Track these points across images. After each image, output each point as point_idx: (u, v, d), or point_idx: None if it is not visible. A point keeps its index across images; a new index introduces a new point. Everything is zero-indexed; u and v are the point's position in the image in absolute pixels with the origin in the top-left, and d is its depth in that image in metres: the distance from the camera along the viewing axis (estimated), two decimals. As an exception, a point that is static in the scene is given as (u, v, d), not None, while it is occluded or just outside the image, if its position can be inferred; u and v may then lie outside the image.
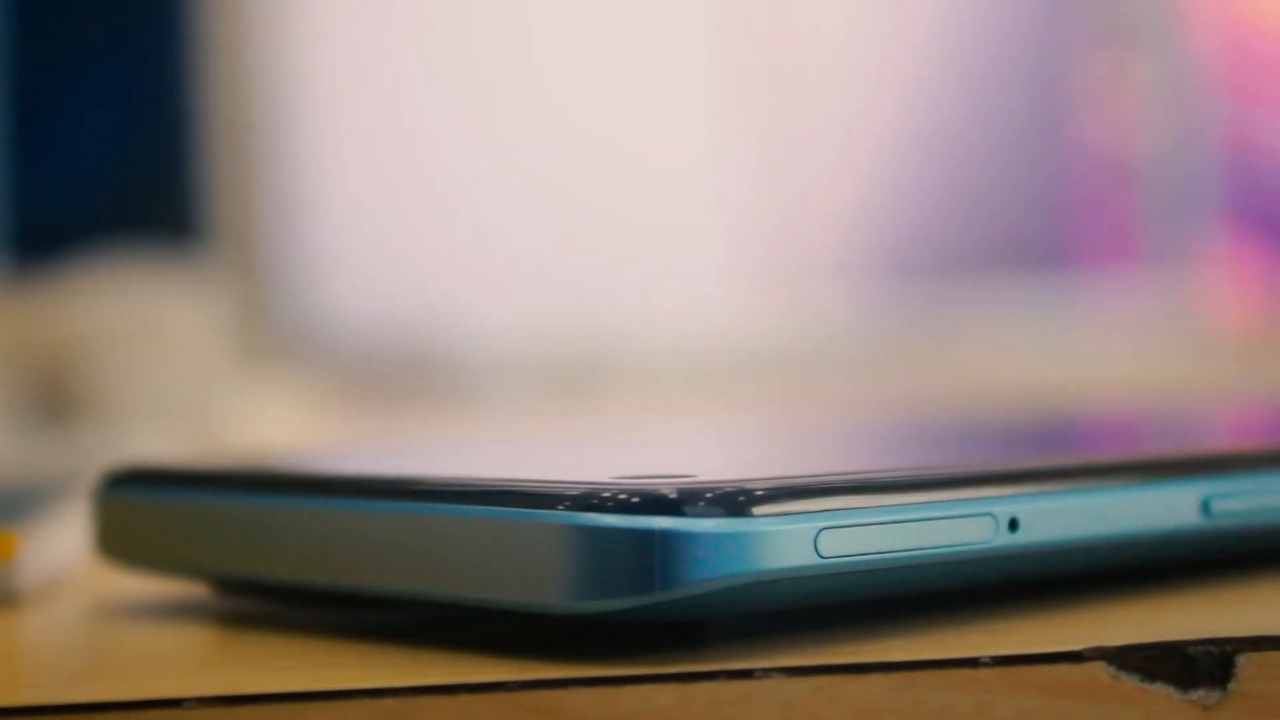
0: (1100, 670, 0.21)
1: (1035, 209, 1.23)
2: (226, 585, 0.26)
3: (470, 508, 0.22)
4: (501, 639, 0.23)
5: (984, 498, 0.22)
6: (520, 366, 1.05)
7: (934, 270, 1.19)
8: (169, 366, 0.72)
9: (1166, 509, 0.24)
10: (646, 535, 0.21)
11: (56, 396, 0.69)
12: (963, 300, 1.17)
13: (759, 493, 0.21)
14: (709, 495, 0.21)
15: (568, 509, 0.21)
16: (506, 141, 1.11)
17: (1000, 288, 1.18)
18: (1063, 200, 1.23)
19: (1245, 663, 0.21)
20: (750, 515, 0.21)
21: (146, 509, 0.26)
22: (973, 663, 0.21)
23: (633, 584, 0.21)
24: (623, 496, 0.21)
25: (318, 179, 1.06)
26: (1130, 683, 0.21)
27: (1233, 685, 0.21)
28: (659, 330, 1.10)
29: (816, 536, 0.21)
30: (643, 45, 1.14)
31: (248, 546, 0.24)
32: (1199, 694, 0.21)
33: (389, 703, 0.21)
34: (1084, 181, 1.23)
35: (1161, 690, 0.21)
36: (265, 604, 0.25)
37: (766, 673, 0.21)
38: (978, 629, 0.22)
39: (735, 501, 0.21)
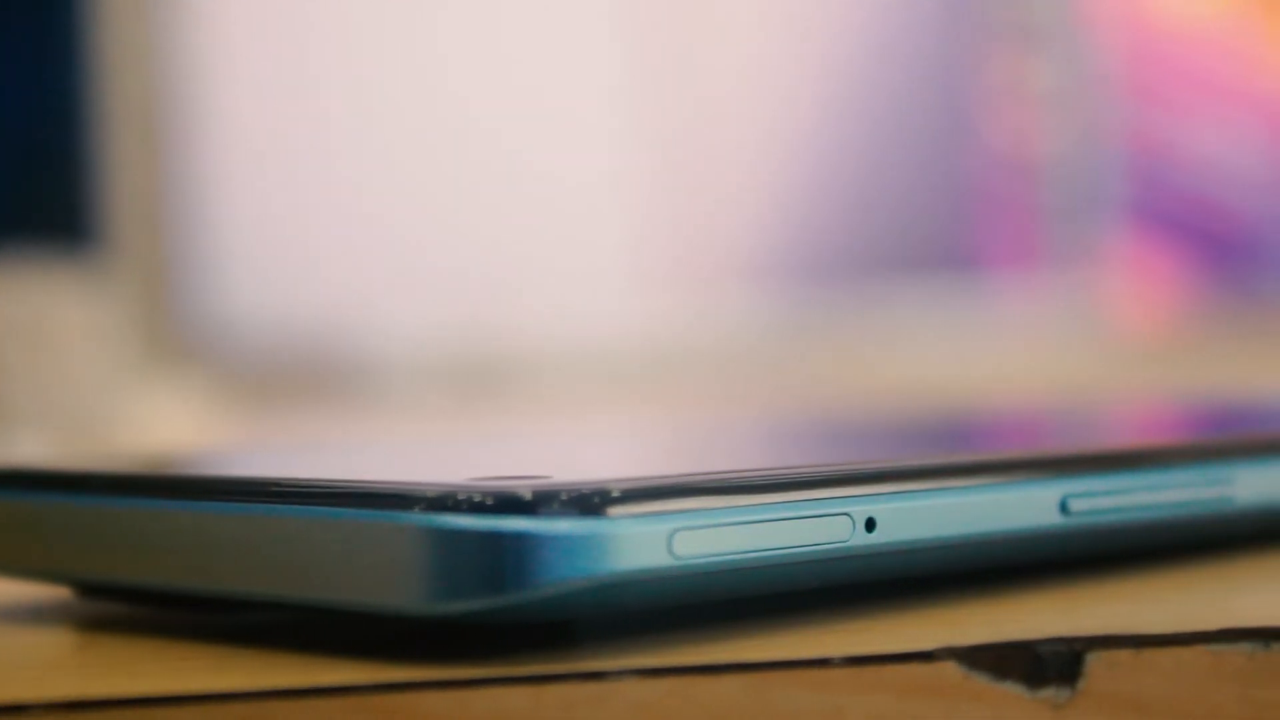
0: (951, 669, 0.21)
1: (941, 211, 1.23)
2: (87, 588, 0.25)
3: (325, 509, 0.22)
4: (358, 641, 0.23)
5: (840, 498, 0.22)
6: (425, 368, 1.05)
7: (840, 272, 1.19)
8: (64, 369, 0.71)
9: (1025, 508, 0.24)
10: (499, 536, 0.21)
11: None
12: (869, 302, 1.17)
13: (613, 493, 0.21)
14: (562, 496, 0.21)
15: (421, 510, 0.21)
16: (412, 143, 1.11)
17: (906, 289, 1.19)
18: (968, 202, 1.24)
19: (1094, 661, 0.21)
20: (604, 516, 0.21)
21: (6, 511, 0.25)
22: (824, 663, 0.21)
23: (486, 585, 0.21)
24: (476, 498, 0.21)
25: (219, 179, 1.05)
26: (981, 682, 0.21)
27: (1082, 683, 0.21)
28: (565, 332, 1.10)
29: (671, 537, 0.21)
30: (550, 47, 1.14)
31: (105, 549, 0.24)
32: (1048, 692, 0.21)
33: (239, 706, 0.21)
34: (989, 183, 1.23)
35: (1011, 689, 0.21)
36: (126, 607, 0.25)
37: (619, 674, 0.21)
38: (832, 629, 0.22)
39: (589, 502, 0.21)
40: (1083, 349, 1.18)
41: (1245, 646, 0.21)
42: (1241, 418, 0.34)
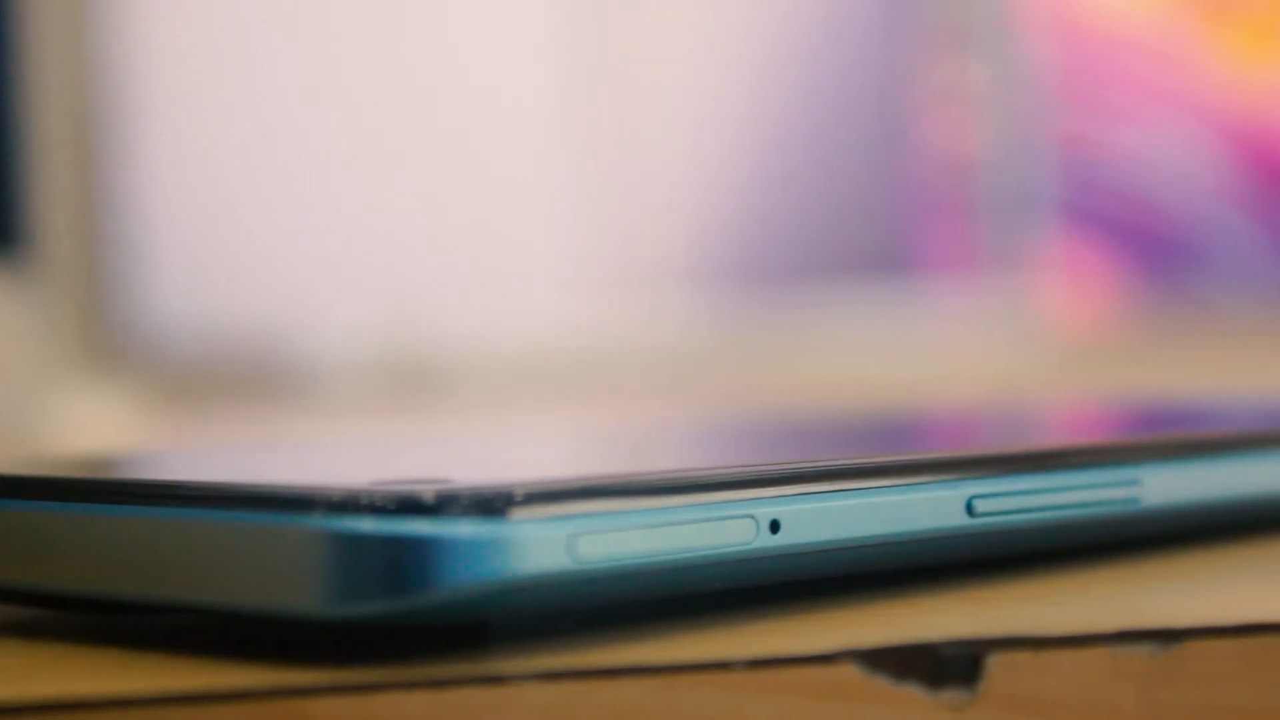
0: (852, 671, 0.21)
1: (876, 212, 1.23)
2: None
3: (226, 512, 0.22)
4: (262, 645, 0.22)
5: (744, 500, 0.22)
6: (359, 370, 1.05)
7: (776, 274, 1.19)
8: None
9: (930, 510, 0.24)
10: (400, 540, 0.21)
11: None
12: (805, 304, 1.17)
13: (514, 497, 0.21)
14: (463, 499, 0.21)
15: (322, 513, 0.21)
16: (346, 145, 1.10)
17: (842, 291, 1.19)
18: (903, 203, 1.24)
19: (994, 662, 0.21)
20: (505, 519, 0.21)
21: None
22: (727, 665, 0.21)
23: (387, 589, 0.21)
24: (377, 501, 0.21)
25: (149, 183, 1.05)
26: (882, 683, 0.21)
27: (982, 685, 0.21)
28: (500, 334, 1.10)
29: (573, 540, 0.21)
30: (486, 49, 1.14)
31: (3, 552, 0.24)
32: (949, 694, 0.21)
33: (137, 712, 0.21)
34: (924, 185, 1.24)
35: (912, 690, 0.21)
36: (26, 611, 0.25)
37: (521, 678, 0.21)
38: (735, 631, 0.22)
39: (490, 505, 0.21)
40: (1017, 349, 1.18)
41: (1145, 647, 0.21)
42: (1153, 419, 0.34)
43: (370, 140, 1.11)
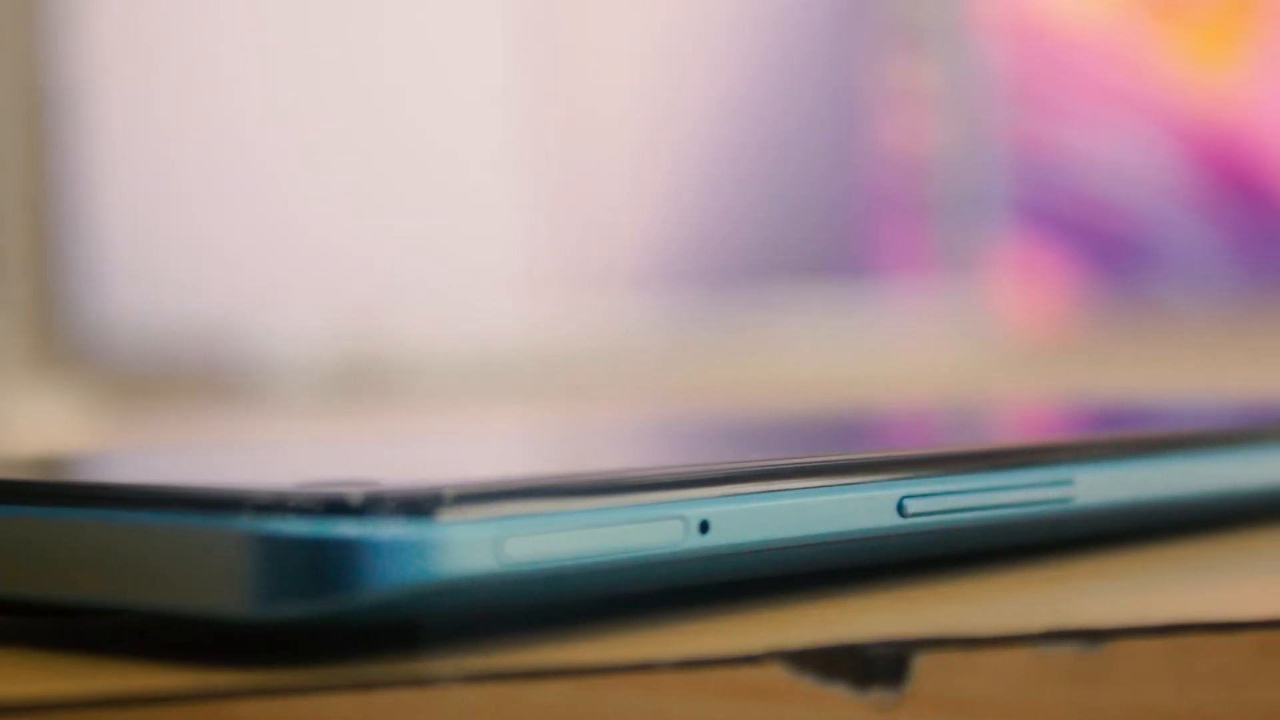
0: (778, 672, 0.21)
1: (831, 213, 1.24)
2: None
3: (152, 514, 0.22)
4: (190, 648, 0.22)
5: (673, 501, 0.22)
6: (313, 370, 1.04)
7: (732, 275, 1.19)
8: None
9: (861, 510, 0.24)
10: (326, 541, 0.21)
11: None
12: (761, 304, 1.17)
13: (441, 498, 0.21)
14: (390, 501, 0.21)
15: (249, 515, 0.21)
16: (300, 145, 1.10)
17: (798, 291, 1.19)
18: (858, 205, 1.24)
19: (921, 662, 0.21)
20: (432, 521, 0.21)
21: None
22: (652, 666, 0.21)
23: (313, 591, 0.21)
24: (303, 503, 0.21)
25: (101, 182, 1.04)
26: (808, 684, 0.21)
27: (909, 685, 0.21)
28: (454, 334, 1.10)
29: (500, 542, 0.21)
30: (440, 48, 1.14)
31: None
32: (876, 694, 0.21)
33: (58, 715, 0.20)
34: (879, 186, 1.24)
35: (839, 691, 0.21)
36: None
37: (447, 680, 0.21)
38: (662, 632, 0.22)
39: (417, 507, 0.21)
40: (972, 349, 1.18)
41: (1071, 647, 0.21)
42: (1090, 419, 0.34)
43: (324, 139, 1.11)
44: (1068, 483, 0.26)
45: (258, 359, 1.04)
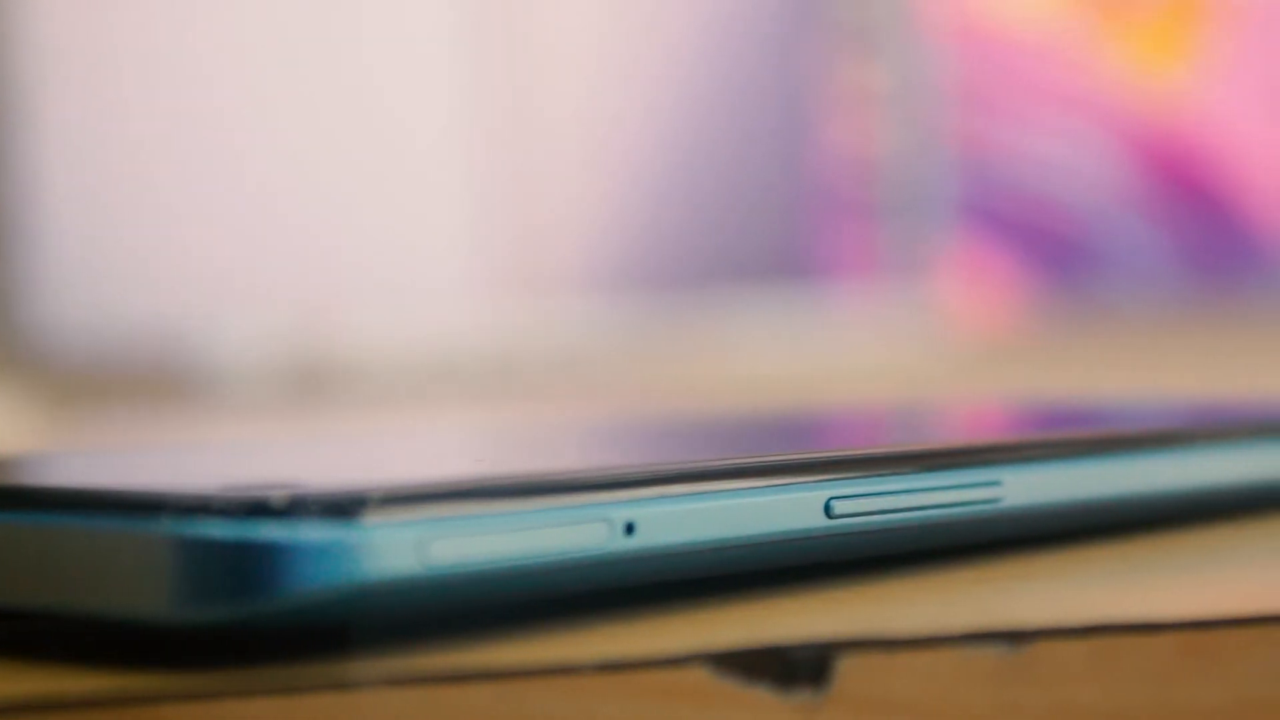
0: (702, 674, 0.21)
1: (780, 215, 1.24)
2: None
3: (73, 517, 0.22)
4: (109, 651, 0.22)
5: (597, 503, 0.22)
6: (262, 373, 1.04)
7: (681, 277, 1.19)
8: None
9: (789, 512, 0.24)
10: (248, 544, 0.21)
11: None
12: (710, 307, 1.17)
13: (365, 500, 0.21)
14: (313, 503, 0.21)
15: (170, 518, 0.21)
16: (249, 145, 1.10)
17: (747, 294, 1.19)
18: (807, 206, 1.25)
19: (844, 664, 0.21)
20: (355, 523, 0.21)
21: None
22: (575, 669, 0.21)
23: (235, 594, 0.21)
24: (225, 505, 0.21)
25: (45, 183, 1.04)
26: (731, 686, 0.21)
27: (832, 686, 0.21)
28: (405, 337, 1.09)
29: (424, 544, 0.21)
30: (389, 50, 1.13)
31: None
32: (798, 696, 0.21)
33: (-22, 721, 0.20)
34: (827, 188, 1.24)
35: (762, 693, 0.21)
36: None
37: (370, 683, 0.21)
38: (586, 634, 0.22)
39: (340, 509, 0.21)
40: (920, 351, 1.19)
41: (995, 648, 0.21)
42: (1021, 421, 0.34)
43: (273, 141, 1.10)
44: (996, 484, 0.26)
45: (207, 360, 1.03)
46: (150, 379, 1.02)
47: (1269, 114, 1.31)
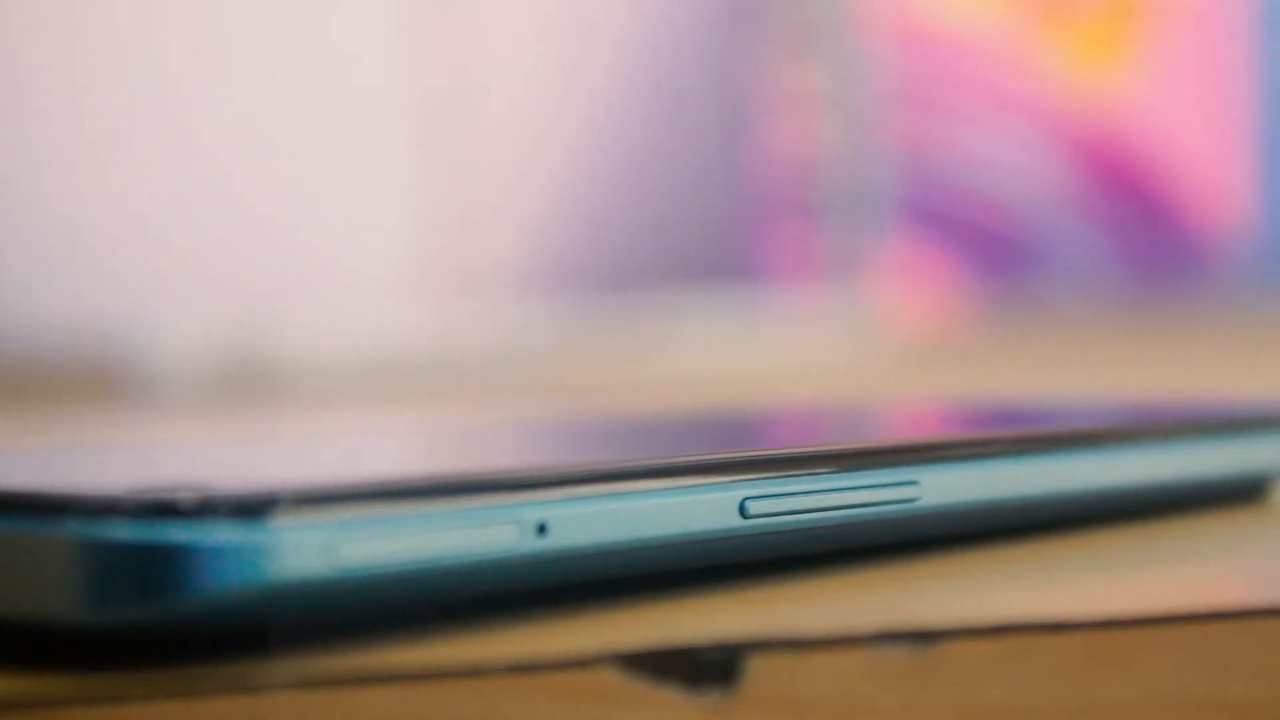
0: (610, 675, 0.21)
1: (718, 215, 1.24)
2: None
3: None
4: (14, 654, 0.22)
5: (508, 504, 0.22)
6: (199, 373, 1.03)
7: (620, 278, 1.19)
8: None
9: (703, 512, 0.24)
10: (154, 546, 0.20)
11: None
12: (649, 307, 1.17)
13: (272, 502, 0.21)
14: (219, 505, 0.21)
15: (76, 519, 0.21)
16: (187, 145, 1.09)
17: (686, 294, 1.19)
18: (745, 206, 1.25)
19: (754, 664, 0.21)
20: (262, 525, 0.21)
21: None
22: (483, 671, 0.21)
23: (141, 596, 0.21)
24: (132, 506, 0.21)
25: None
26: (641, 686, 0.21)
27: (741, 686, 0.21)
28: (343, 337, 1.09)
29: (333, 546, 0.21)
30: (326, 51, 1.13)
31: None
32: (707, 696, 0.21)
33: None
34: (766, 188, 1.24)
35: (671, 693, 0.21)
36: None
37: (277, 686, 0.21)
38: (496, 635, 0.22)
39: (247, 511, 0.21)
40: (860, 351, 1.19)
41: (904, 648, 0.21)
42: (941, 421, 0.34)
43: (210, 141, 1.10)
44: (912, 484, 0.26)
45: (145, 361, 1.03)
46: (87, 379, 1.01)
47: (1206, 114, 1.32)
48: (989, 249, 1.28)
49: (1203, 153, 1.31)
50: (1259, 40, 1.34)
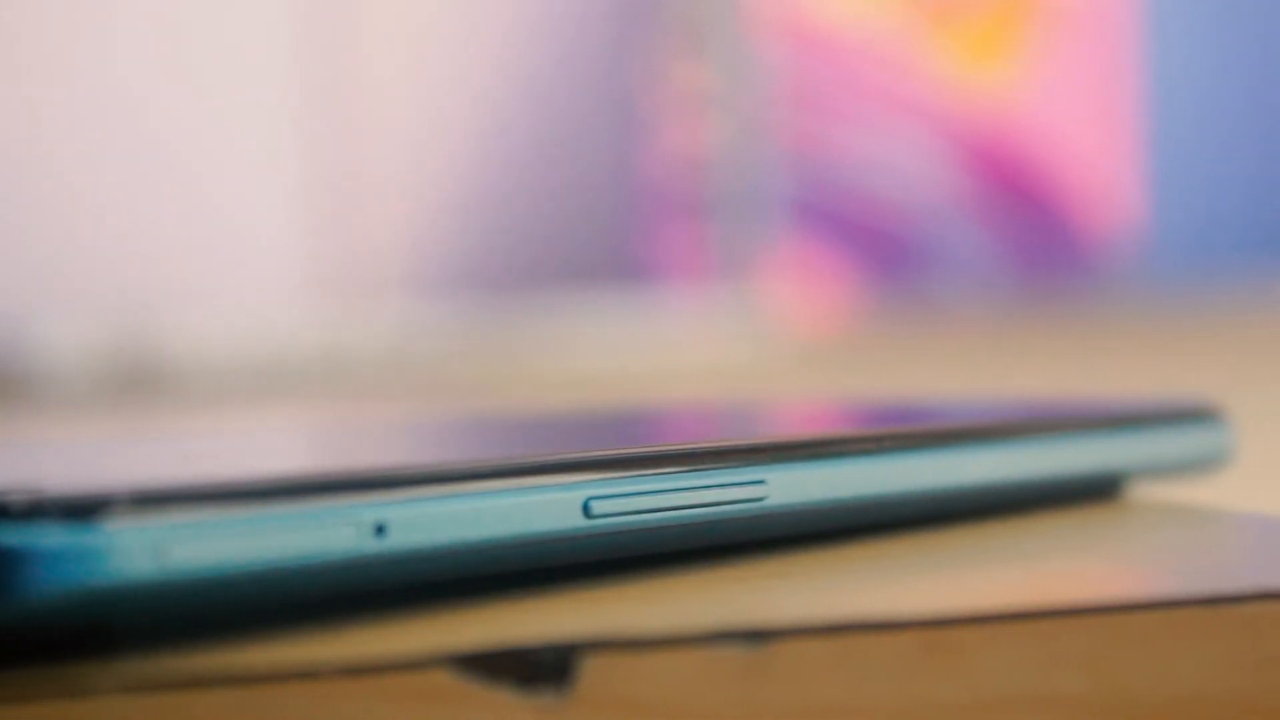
0: (444, 676, 0.21)
1: (611, 215, 1.24)
2: None
3: None
4: None
5: (346, 504, 0.22)
6: (88, 374, 1.03)
7: (512, 278, 1.19)
8: None
9: (546, 511, 0.24)
10: (-18, 549, 0.20)
11: None
12: (541, 307, 1.17)
13: (102, 504, 0.21)
14: (50, 506, 0.20)
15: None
16: (76, 148, 1.08)
17: (578, 293, 1.19)
18: (637, 207, 1.25)
19: (587, 664, 0.21)
20: (93, 527, 0.21)
21: None
22: (316, 673, 0.21)
23: (-29, 599, 0.20)
24: (-40, 509, 0.20)
25: None
26: (474, 687, 0.21)
27: (575, 687, 0.21)
28: (232, 338, 1.08)
29: (164, 547, 0.21)
30: (219, 56, 1.12)
31: None
32: (541, 697, 0.21)
33: None
34: (657, 189, 1.24)
35: (504, 694, 0.21)
36: None
37: (106, 690, 0.20)
38: (333, 636, 0.22)
39: (78, 512, 0.21)
40: (749, 349, 1.19)
41: (738, 647, 0.22)
42: (792, 420, 0.35)
43: (101, 144, 1.09)
44: (760, 483, 0.26)
45: (30, 361, 1.02)
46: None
47: (1094, 117, 1.33)
48: (879, 249, 1.29)
49: (1089, 154, 1.32)
50: (1145, 43, 1.35)
